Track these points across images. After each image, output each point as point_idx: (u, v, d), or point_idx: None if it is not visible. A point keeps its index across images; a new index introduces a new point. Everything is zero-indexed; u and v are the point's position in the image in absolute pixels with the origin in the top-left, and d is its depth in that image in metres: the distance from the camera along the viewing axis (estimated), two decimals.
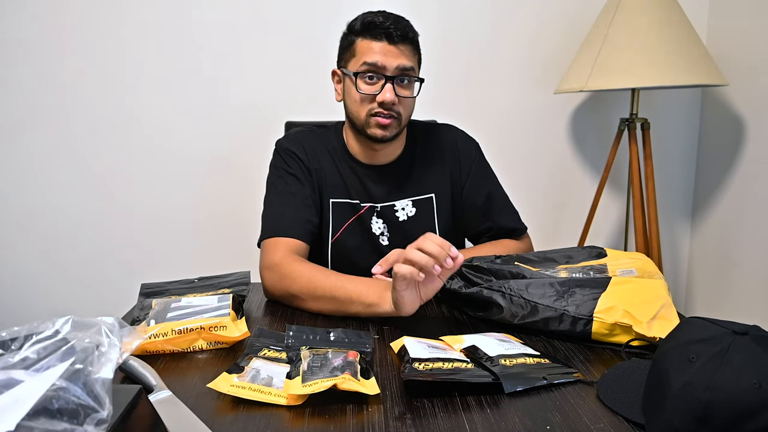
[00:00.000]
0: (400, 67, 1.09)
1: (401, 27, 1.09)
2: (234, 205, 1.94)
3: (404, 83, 1.12)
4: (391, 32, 1.08)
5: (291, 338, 0.82)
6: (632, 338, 0.81)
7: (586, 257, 1.00)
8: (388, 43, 1.09)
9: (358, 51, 1.11)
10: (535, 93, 1.97)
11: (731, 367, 0.54)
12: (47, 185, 1.91)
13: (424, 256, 0.85)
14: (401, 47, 1.10)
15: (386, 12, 1.12)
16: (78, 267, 1.96)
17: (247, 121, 1.91)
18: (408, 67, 1.10)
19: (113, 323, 0.48)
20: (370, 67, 1.09)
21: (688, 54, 1.57)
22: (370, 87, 1.11)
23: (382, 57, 1.08)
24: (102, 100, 1.87)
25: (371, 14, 1.11)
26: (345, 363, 0.72)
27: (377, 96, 1.10)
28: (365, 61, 1.09)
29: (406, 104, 1.14)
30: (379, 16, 1.10)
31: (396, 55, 1.09)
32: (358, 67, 1.10)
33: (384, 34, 1.08)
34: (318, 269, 1.03)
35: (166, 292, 1.04)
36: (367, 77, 1.10)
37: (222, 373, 0.71)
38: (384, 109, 1.10)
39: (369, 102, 1.11)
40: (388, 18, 1.09)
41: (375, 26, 1.08)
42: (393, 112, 1.11)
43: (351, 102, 1.15)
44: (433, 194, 1.24)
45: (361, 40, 1.11)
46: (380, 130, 1.12)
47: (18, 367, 0.43)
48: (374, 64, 1.08)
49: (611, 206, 2.07)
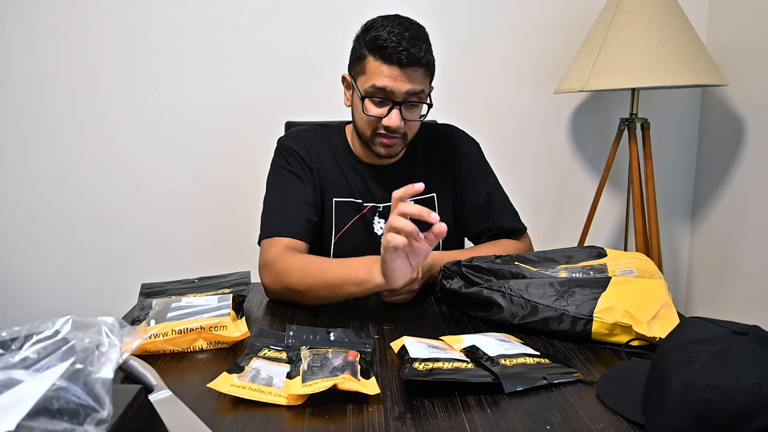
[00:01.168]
0: (410, 91, 1.07)
1: (415, 51, 1.04)
2: (234, 205, 1.94)
3: (412, 106, 1.10)
4: (403, 58, 1.03)
5: (291, 338, 0.82)
6: (632, 338, 0.81)
7: (586, 257, 1.00)
8: (399, 68, 1.05)
9: (369, 70, 1.08)
10: (535, 93, 1.97)
11: (731, 367, 0.54)
12: (47, 185, 1.91)
13: (410, 222, 0.82)
14: (412, 72, 1.06)
15: (402, 26, 1.06)
16: (78, 267, 1.96)
17: (247, 121, 1.91)
18: (417, 91, 1.07)
19: (113, 323, 0.48)
20: (378, 91, 1.07)
21: (687, 54, 1.57)
22: (377, 110, 1.09)
23: (392, 82, 1.05)
24: (102, 99, 1.87)
25: (386, 30, 1.05)
26: (345, 363, 0.72)
27: (383, 120, 1.09)
28: (374, 84, 1.06)
29: (412, 126, 1.13)
30: (393, 36, 1.04)
31: (406, 80, 1.06)
32: (367, 88, 1.08)
33: (396, 58, 1.04)
34: (311, 259, 1.04)
35: (166, 292, 1.04)
36: (376, 99, 1.09)
37: (222, 373, 0.71)
38: (389, 132, 1.10)
39: (375, 123, 1.11)
40: (402, 39, 1.04)
41: (387, 49, 1.04)
42: (398, 134, 1.11)
43: (358, 118, 1.14)
44: (434, 194, 1.24)
45: (372, 60, 1.06)
46: (384, 149, 1.13)
47: (18, 367, 0.43)
48: (383, 89, 1.06)
49: (611, 206, 2.07)
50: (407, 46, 1.04)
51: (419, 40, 1.06)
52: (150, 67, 1.86)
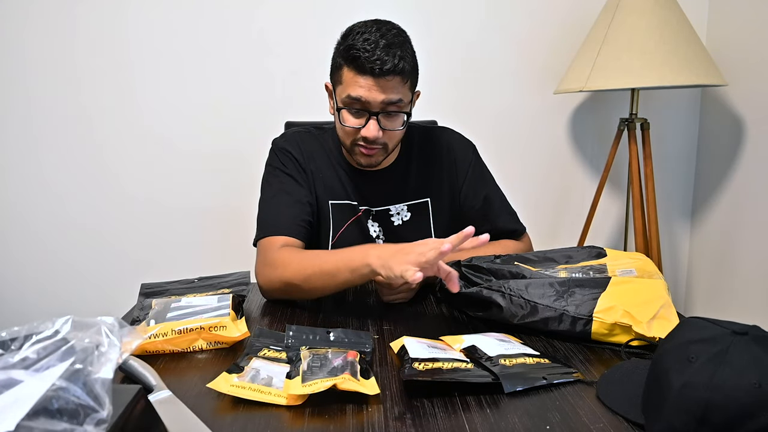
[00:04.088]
0: (386, 101, 1.05)
1: (389, 59, 1.01)
2: (234, 205, 1.94)
3: (391, 115, 1.08)
4: (376, 68, 1.01)
5: (291, 338, 0.82)
6: (632, 338, 0.81)
7: (585, 257, 1.00)
8: (373, 78, 1.02)
9: (344, 80, 1.06)
10: (534, 93, 1.97)
11: (731, 368, 0.54)
12: (46, 185, 1.91)
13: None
14: (388, 80, 1.03)
15: (377, 34, 1.03)
16: (78, 267, 1.96)
17: (247, 121, 1.91)
18: (394, 100, 1.05)
19: (113, 323, 0.48)
20: (353, 102, 1.05)
21: (687, 54, 1.57)
22: (354, 120, 1.08)
23: (367, 92, 1.03)
24: (103, 100, 1.87)
25: (359, 40, 1.03)
26: (345, 363, 0.72)
27: (361, 130, 1.08)
28: (350, 95, 1.05)
29: (392, 136, 1.11)
30: (367, 45, 1.01)
31: (381, 90, 1.03)
32: (343, 98, 1.06)
33: (369, 69, 1.02)
34: (308, 251, 1.04)
35: (165, 292, 1.04)
36: (353, 110, 1.07)
37: (222, 373, 0.71)
38: (367, 142, 1.09)
39: (353, 134, 1.10)
40: (376, 48, 1.01)
41: (360, 59, 1.01)
42: (377, 145, 1.10)
43: (338, 128, 1.13)
44: (429, 198, 1.23)
45: (347, 70, 1.05)
46: (365, 158, 1.12)
47: (18, 367, 0.43)
48: (358, 99, 1.04)
49: (611, 206, 2.07)
50: (381, 54, 1.01)
51: (395, 46, 1.03)
52: (150, 69, 1.86)
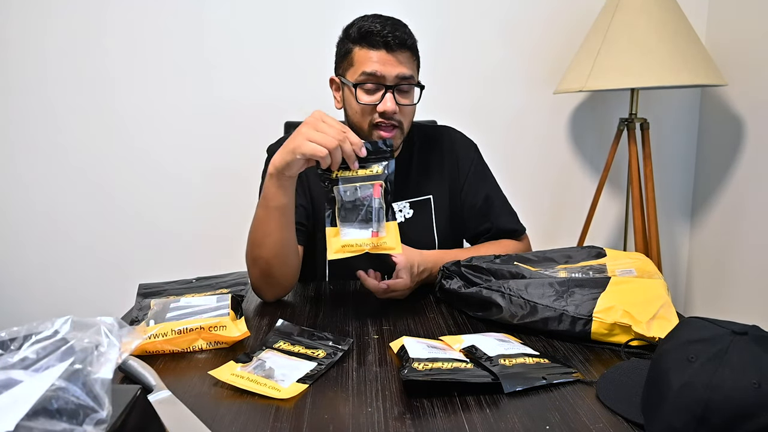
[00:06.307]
0: (400, 75, 1.08)
1: (399, 34, 1.06)
2: (233, 205, 1.94)
3: (404, 92, 1.11)
4: (389, 40, 1.05)
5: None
6: (631, 338, 0.81)
7: (585, 257, 1.00)
8: (386, 52, 1.06)
9: (356, 60, 1.09)
10: (534, 93, 1.97)
11: (730, 367, 0.54)
12: (46, 186, 1.91)
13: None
14: (400, 55, 1.07)
15: (383, 17, 1.09)
16: (77, 267, 1.96)
17: (247, 122, 1.91)
18: (407, 75, 1.09)
19: (113, 323, 0.48)
20: (369, 77, 1.07)
21: (687, 54, 1.57)
22: (370, 97, 1.09)
23: (381, 66, 1.06)
24: (100, 101, 1.87)
25: (368, 21, 1.08)
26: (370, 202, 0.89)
27: (378, 106, 1.09)
28: (364, 71, 1.07)
29: (406, 112, 1.13)
30: (376, 23, 1.07)
31: (395, 63, 1.07)
32: (357, 77, 1.08)
33: (382, 42, 1.06)
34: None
35: (164, 292, 1.04)
36: (367, 87, 1.09)
37: (229, 362, 0.72)
38: (385, 119, 1.09)
39: (370, 113, 1.11)
40: (385, 25, 1.06)
41: (372, 35, 1.06)
42: (394, 122, 1.11)
43: (352, 113, 1.14)
44: (430, 196, 1.23)
45: (358, 49, 1.08)
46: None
47: (17, 367, 0.43)
48: (373, 74, 1.07)
49: (610, 206, 2.07)
50: (391, 29, 1.06)
51: (402, 26, 1.09)
52: (150, 69, 1.86)
